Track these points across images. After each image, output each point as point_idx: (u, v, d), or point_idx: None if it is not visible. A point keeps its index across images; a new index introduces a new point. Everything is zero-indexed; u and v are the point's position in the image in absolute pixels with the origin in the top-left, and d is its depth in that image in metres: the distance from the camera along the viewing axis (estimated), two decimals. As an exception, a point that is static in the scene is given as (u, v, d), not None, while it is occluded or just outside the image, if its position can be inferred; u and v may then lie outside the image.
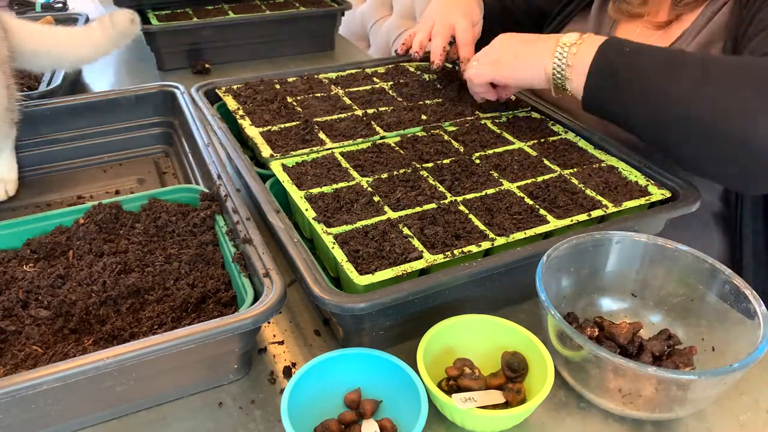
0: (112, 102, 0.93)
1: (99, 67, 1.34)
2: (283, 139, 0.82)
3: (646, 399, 0.54)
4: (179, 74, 1.31)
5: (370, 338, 0.62)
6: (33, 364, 0.54)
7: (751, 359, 0.51)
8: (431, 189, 0.72)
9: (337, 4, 1.46)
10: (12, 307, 0.59)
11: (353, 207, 0.68)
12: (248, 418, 0.57)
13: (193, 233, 0.69)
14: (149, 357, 0.50)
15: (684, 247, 0.63)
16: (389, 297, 0.56)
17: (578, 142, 0.85)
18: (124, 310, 0.61)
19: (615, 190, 0.74)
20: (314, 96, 0.94)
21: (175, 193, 0.75)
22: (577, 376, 0.58)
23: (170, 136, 0.97)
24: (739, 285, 0.58)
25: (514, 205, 0.70)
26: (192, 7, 1.40)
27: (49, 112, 0.90)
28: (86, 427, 0.55)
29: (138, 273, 0.64)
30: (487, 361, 0.60)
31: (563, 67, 0.77)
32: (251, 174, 0.73)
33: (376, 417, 0.56)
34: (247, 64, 1.37)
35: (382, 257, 0.61)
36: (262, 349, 0.64)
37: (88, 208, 0.70)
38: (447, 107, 0.93)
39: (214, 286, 0.63)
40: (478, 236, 0.65)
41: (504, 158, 0.80)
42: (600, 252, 0.65)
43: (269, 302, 0.54)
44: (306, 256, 0.60)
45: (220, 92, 0.94)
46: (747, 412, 0.59)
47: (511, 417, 0.54)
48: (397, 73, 1.05)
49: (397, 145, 0.82)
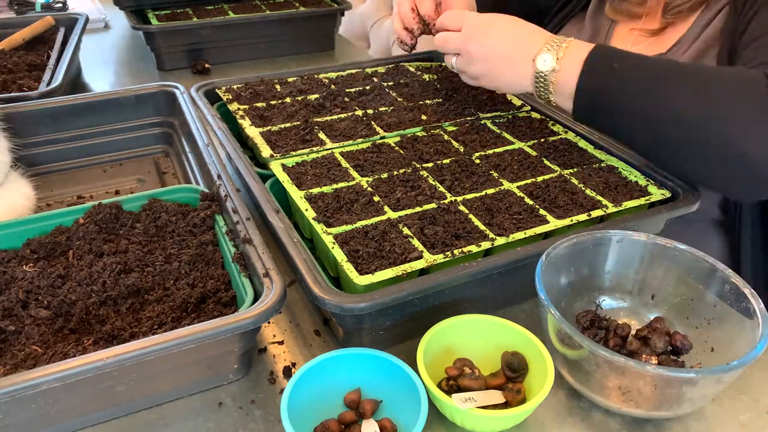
0: (112, 102, 0.93)
1: (99, 67, 1.34)
2: (283, 139, 0.82)
3: (645, 397, 0.54)
4: (179, 74, 1.31)
5: (370, 338, 0.62)
6: (33, 364, 0.54)
7: (750, 358, 0.51)
8: (431, 189, 0.72)
9: (337, 4, 1.46)
10: (12, 307, 0.59)
11: (353, 207, 0.68)
12: (248, 418, 0.57)
13: (193, 233, 0.69)
14: (149, 357, 0.50)
15: (684, 247, 0.63)
16: (389, 297, 0.56)
17: (578, 142, 0.85)
18: (124, 310, 0.61)
19: (615, 190, 0.74)
20: (314, 96, 0.94)
21: (175, 193, 0.75)
22: (577, 376, 0.58)
23: (170, 136, 0.97)
24: (738, 284, 0.58)
25: (514, 205, 0.70)
26: (192, 7, 1.40)
27: (49, 112, 0.90)
28: (86, 427, 0.55)
29: (138, 273, 0.64)
30: (487, 361, 0.60)
31: (547, 95, 0.76)
32: (251, 174, 0.73)
33: (376, 417, 0.56)
34: (247, 64, 1.37)
35: (382, 257, 0.61)
36: (262, 349, 0.64)
37: (88, 208, 0.70)
38: (447, 107, 0.93)
39: (214, 286, 0.63)
40: (478, 236, 0.65)
41: (504, 158, 0.80)
42: (600, 251, 0.65)
43: (269, 302, 0.54)
44: (306, 256, 0.60)
45: (220, 92, 0.94)
46: (747, 412, 0.59)
47: (511, 417, 0.54)
48: (397, 73, 1.05)
49: (397, 145, 0.82)
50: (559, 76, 0.73)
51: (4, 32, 1.23)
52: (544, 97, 0.77)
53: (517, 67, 0.77)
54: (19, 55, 1.17)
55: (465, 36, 0.81)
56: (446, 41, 0.84)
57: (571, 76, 0.72)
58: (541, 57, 0.74)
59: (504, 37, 0.79)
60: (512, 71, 0.78)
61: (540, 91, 0.76)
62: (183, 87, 0.95)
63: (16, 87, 1.04)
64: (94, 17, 1.53)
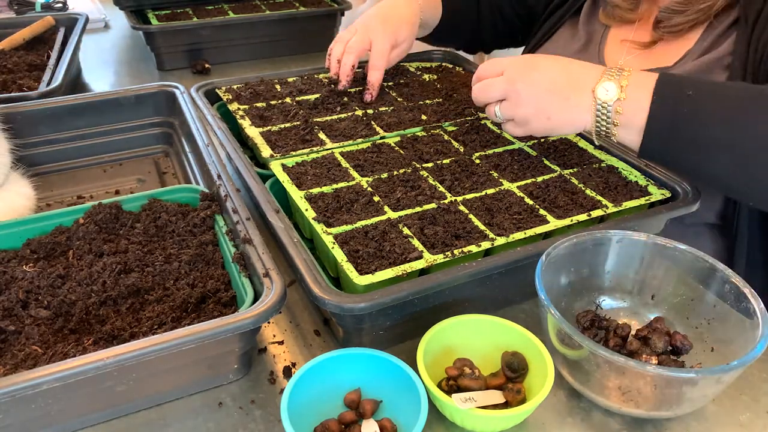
0: (112, 102, 0.93)
1: (99, 67, 1.34)
2: (283, 139, 0.82)
3: (645, 397, 0.54)
4: (179, 74, 1.31)
5: (370, 338, 0.62)
6: (33, 364, 0.54)
7: (749, 358, 0.51)
8: (431, 189, 0.72)
9: (337, 4, 1.46)
10: (12, 307, 0.59)
11: (353, 207, 0.68)
12: (248, 418, 0.57)
13: (193, 233, 0.69)
14: (149, 357, 0.50)
15: (684, 247, 0.63)
16: (389, 297, 0.56)
17: (578, 142, 0.85)
18: (124, 310, 0.61)
19: (615, 190, 0.74)
20: (314, 96, 0.94)
21: (175, 193, 0.75)
22: (577, 376, 0.58)
23: (170, 136, 0.97)
24: (738, 284, 0.58)
25: (514, 205, 0.70)
26: (192, 7, 1.40)
27: (49, 112, 0.90)
28: (86, 427, 0.55)
29: (138, 273, 0.64)
30: (487, 361, 0.60)
31: (608, 127, 0.69)
32: (251, 174, 0.73)
33: (376, 417, 0.56)
34: (247, 64, 1.37)
35: (382, 257, 0.61)
36: (262, 349, 0.64)
37: (88, 208, 0.70)
38: (447, 107, 0.93)
39: (214, 286, 0.63)
40: (478, 236, 0.65)
41: (504, 158, 0.80)
42: (600, 251, 0.65)
43: (269, 302, 0.54)
44: (306, 256, 0.60)
45: (220, 92, 0.94)
46: (747, 412, 0.59)
47: (511, 417, 0.54)
48: (397, 73, 1.05)
49: (397, 145, 0.82)
50: (626, 106, 0.67)
51: (4, 32, 1.24)
52: (605, 131, 0.70)
53: (574, 101, 0.69)
54: (19, 55, 1.17)
55: (508, 77, 0.73)
56: (488, 86, 0.75)
57: (641, 105, 0.66)
58: (602, 86, 0.68)
59: (554, 71, 0.71)
60: (568, 106, 0.70)
61: (601, 126, 0.70)
62: (183, 87, 0.95)
63: (16, 87, 1.04)
64: (94, 17, 1.54)
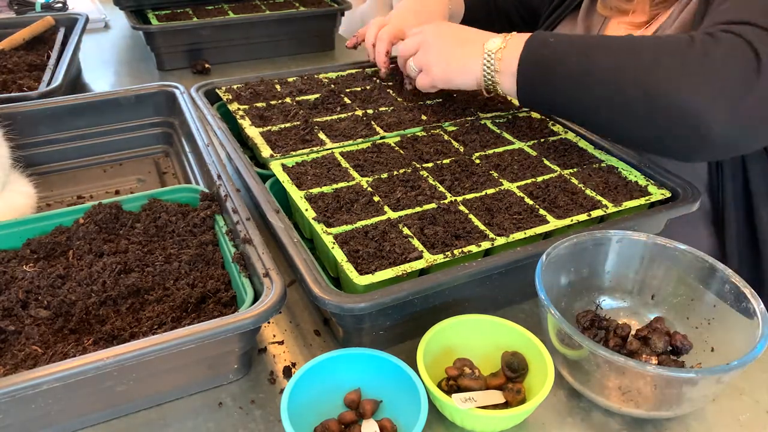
0: (112, 102, 0.93)
1: (99, 67, 1.34)
2: (283, 139, 0.82)
3: (645, 397, 0.54)
4: (179, 74, 1.31)
5: (370, 338, 0.62)
6: (33, 364, 0.54)
7: (749, 358, 0.51)
8: (431, 189, 0.72)
9: (337, 4, 1.46)
10: (12, 307, 0.59)
11: (353, 207, 0.68)
12: (248, 418, 0.57)
13: (193, 233, 0.69)
14: (149, 357, 0.50)
15: (684, 247, 0.63)
16: (389, 297, 0.56)
17: (578, 142, 0.85)
18: (124, 310, 0.61)
19: (615, 190, 0.74)
20: (314, 96, 0.94)
21: (175, 193, 0.75)
22: (577, 376, 0.58)
23: (170, 136, 0.97)
24: (738, 284, 0.58)
25: (514, 205, 0.70)
26: (192, 7, 1.40)
27: (49, 112, 0.90)
28: (86, 427, 0.55)
29: (138, 273, 0.64)
30: (487, 361, 0.60)
31: (492, 74, 0.78)
32: (251, 174, 0.73)
33: (376, 417, 0.56)
34: (247, 64, 1.37)
35: (382, 257, 0.61)
36: (262, 349, 0.64)
37: (88, 208, 0.70)
38: (447, 107, 0.93)
39: (214, 286, 0.63)
40: (478, 236, 0.65)
41: (504, 158, 0.80)
42: (600, 251, 0.65)
43: (269, 302, 0.54)
44: (306, 256, 0.60)
45: (220, 92, 0.94)
46: (747, 412, 0.59)
47: (511, 417, 0.54)
48: (397, 73, 1.05)
49: (397, 145, 0.82)
50: (504, 53, 0.77)
51: (4, 32, 1.24)
52: (491, 79, 0.79)
53: (468, 49, 0.81)
54: (19, 55, 1.17)
55: (423, 31, 0.87)
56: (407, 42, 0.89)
57: (515, 54, 0.76)
58: (492, 40, 0.79)
59: (460, 29, 0.86)
60: (463, 53, 0.81)
61: (487, 74, 0.79)
62: (183, 87, 0.95)
63: (16, 87, 1.04)
64: (94, 17, 1.54)
